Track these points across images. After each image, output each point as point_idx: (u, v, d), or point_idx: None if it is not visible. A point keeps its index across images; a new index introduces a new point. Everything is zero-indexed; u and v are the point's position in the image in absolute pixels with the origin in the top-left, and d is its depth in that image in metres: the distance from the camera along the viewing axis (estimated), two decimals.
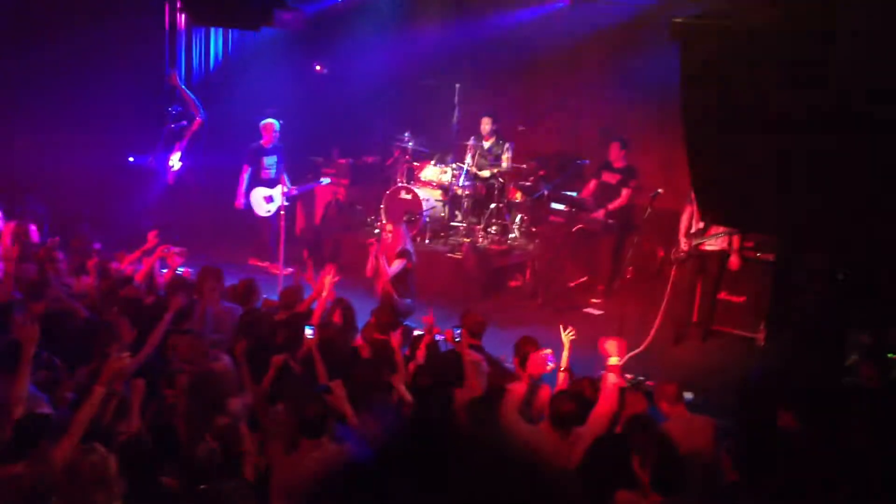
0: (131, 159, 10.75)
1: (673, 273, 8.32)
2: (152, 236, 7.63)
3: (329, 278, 6.80)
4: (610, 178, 9.70)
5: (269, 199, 10.30)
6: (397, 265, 8.00)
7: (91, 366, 5.27)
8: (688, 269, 8.34)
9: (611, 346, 5.35)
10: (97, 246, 7.53)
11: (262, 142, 10.36)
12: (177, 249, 7.65)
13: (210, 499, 3.82)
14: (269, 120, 10.41)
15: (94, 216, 9.28)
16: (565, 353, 5.81)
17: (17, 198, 8.94)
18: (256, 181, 10.33)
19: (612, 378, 5.15)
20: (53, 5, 9.90)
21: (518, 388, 5.23)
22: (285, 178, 10.40)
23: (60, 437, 4.16)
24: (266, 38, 11.22)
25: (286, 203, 9.37)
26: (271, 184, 10.33)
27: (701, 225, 8.12)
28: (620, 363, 5.26)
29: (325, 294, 6.77)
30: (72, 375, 5.27)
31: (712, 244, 8.26)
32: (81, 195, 9.92)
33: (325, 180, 10.98)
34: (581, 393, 5.41)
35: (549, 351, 5.52)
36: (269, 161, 10.35)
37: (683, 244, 8.23)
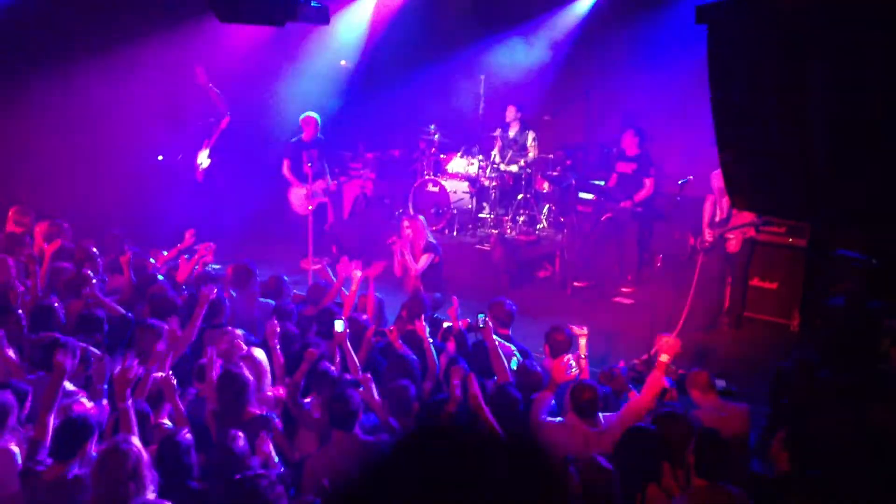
0: (160, 157, 10.84)
1: (700, 261, 8.24)
2: (189, 235, 7.63)
3: (357, 272, 6.82)
4: (625, 167, 9.62)
5: (310, 196, 9.79)
6: (425, 260, 7.99)
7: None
8: (715, 258, 8.26)
9: (664, 344, 5.35)
10: (128, 244, 7.58)
11: (302, 136, 10.13)
12: (211, 247, 7.67)
13: (241, 491, 3.87)
14: (310, 113, 10.16)
15: (123, 214, 9.35)
16: (583, 342, 5.83)
17: (47, 198, 9.03)
18: (297, 176, 10.00)
19: (657, 375, 5.14)
20: (82, 7, 10.00)
21: (544, 397, 5.23)
22: (327, 172, 10.26)
23: (100, 435, 4.23)
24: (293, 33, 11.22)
25: (326, 199, 9.23)
26: (312, 178, 9.87)
27: (724, 215, 8.04)
28: (668, 361, 5.24)
29: (353, 288, 6.79)
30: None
31: (736, 234, 8.16)
32: (111, 194, 9.99)
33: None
34: (605, 382, 5.45)
35: (569, 356, 5.52)
36: (311, 155, 9.98)
37: (708, 234, 8.16)
